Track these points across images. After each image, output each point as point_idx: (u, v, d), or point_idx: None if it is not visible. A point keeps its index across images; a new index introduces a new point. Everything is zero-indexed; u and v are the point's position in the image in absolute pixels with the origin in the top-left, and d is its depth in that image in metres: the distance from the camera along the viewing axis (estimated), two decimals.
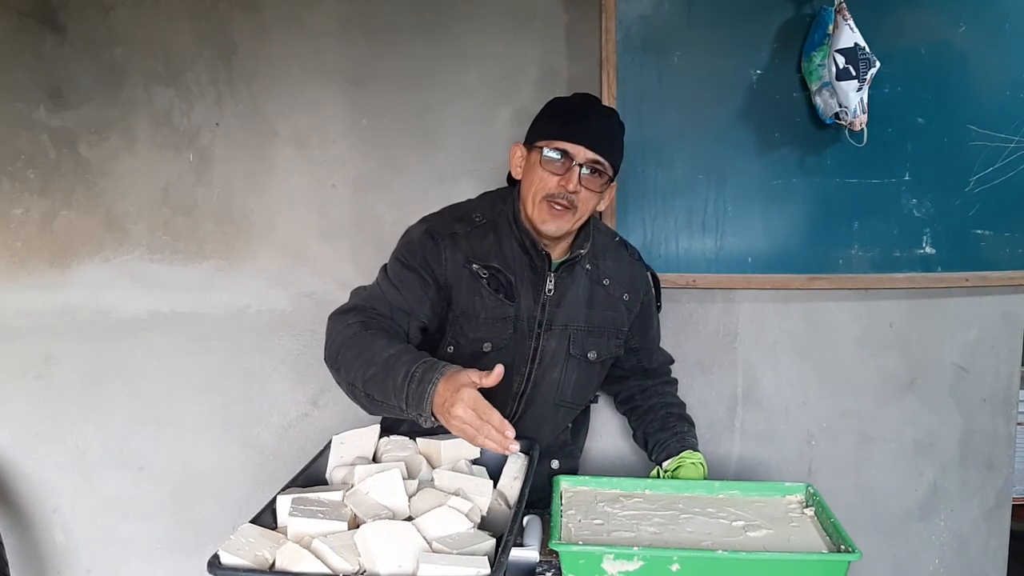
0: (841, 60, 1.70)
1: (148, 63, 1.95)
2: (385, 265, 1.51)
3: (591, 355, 1.58)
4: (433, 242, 1.47)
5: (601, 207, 1.55)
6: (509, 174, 1.56)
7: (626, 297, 1.61)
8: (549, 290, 1.51)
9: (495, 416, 1.15)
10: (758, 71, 1.89)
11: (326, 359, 1.38)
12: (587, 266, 1.56)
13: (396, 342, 1.33)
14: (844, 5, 1.72)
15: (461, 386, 1.17)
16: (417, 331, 1.46)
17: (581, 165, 1.42)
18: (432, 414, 1.20)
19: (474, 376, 1.19)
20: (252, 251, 2.01)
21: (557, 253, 1.53)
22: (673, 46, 1.89)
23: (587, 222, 1.53)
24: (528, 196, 1.46)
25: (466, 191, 1.94)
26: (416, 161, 1.98)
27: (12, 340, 2.03)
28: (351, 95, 1.96)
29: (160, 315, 2.03)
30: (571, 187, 1.41)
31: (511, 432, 1.15)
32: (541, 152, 1.43)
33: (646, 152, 1.90)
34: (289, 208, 2.00)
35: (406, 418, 1.25)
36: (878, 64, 1.70)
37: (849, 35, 1.70)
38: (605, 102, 1.86)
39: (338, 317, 1.42)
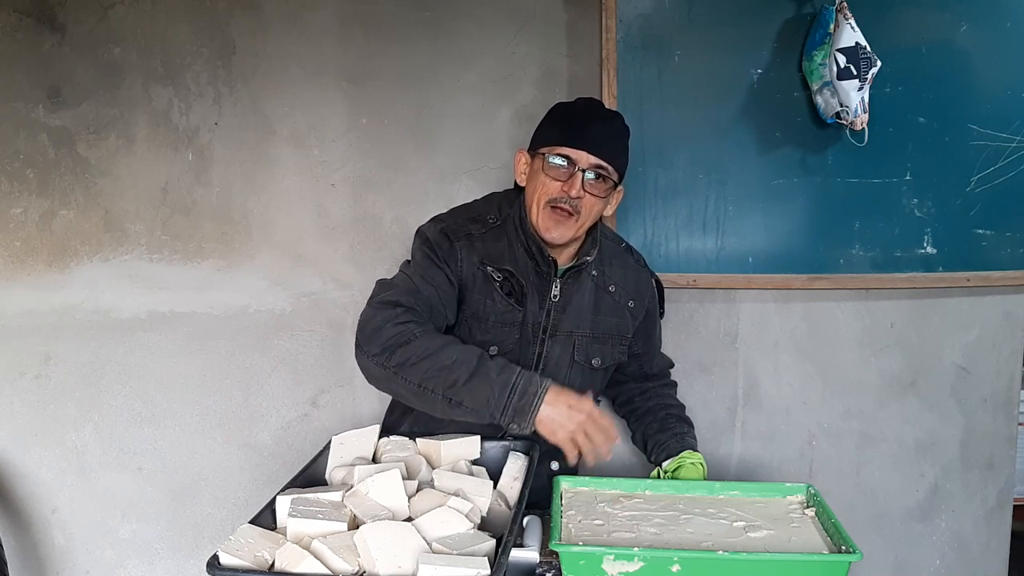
0: (842, 59, 1.69)
1: (147, 62, 1.94)
2: (408, 262, 1.49)
3: (595, 362, 1.58)
4: (449, 242, 1.47)
5: (607, 212, 1.54)
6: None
7: (631, 304, 1.60)
8: (555, 296, 1.51)
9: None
10: (759, 70, 1.88)
11: (373, 353, 1.32)
12: (593, 272, 1.56)
13: (467, 345, 1.35)
14: (845, 4, 1.73)
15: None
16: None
17: (584, 171, 1.41)
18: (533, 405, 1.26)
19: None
20: (251, 251, 2.01)
21: (563, 259, 1.53)
22: (674, 45, 1.88)
23: (594, 228, 1.52)
24: (532, 202, 1.46)
25: (466, 190, 1.95)
26: (416, 160, 1.98)
27: (11, 340, 2.02)
28: (350, 94, 1.96)
29: (159, 315, 2.02)
30: (574, 192, 1.41)
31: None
32: (544, 158, 1.43)
33: (646, 151, 1.90)
34: (288, 208, 2.00)
35: (483, 417, 1.28)
36: (879, 63, 1.70)
37: (850, 34, 1.70)
38: (605, 101, 1.86)
39: (382, 307, 1.35)
